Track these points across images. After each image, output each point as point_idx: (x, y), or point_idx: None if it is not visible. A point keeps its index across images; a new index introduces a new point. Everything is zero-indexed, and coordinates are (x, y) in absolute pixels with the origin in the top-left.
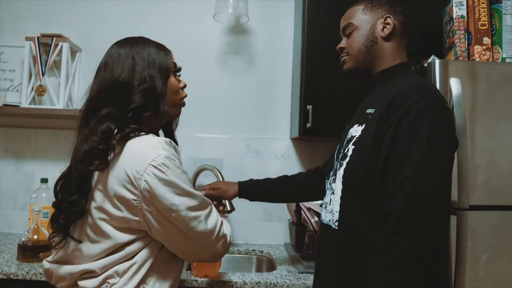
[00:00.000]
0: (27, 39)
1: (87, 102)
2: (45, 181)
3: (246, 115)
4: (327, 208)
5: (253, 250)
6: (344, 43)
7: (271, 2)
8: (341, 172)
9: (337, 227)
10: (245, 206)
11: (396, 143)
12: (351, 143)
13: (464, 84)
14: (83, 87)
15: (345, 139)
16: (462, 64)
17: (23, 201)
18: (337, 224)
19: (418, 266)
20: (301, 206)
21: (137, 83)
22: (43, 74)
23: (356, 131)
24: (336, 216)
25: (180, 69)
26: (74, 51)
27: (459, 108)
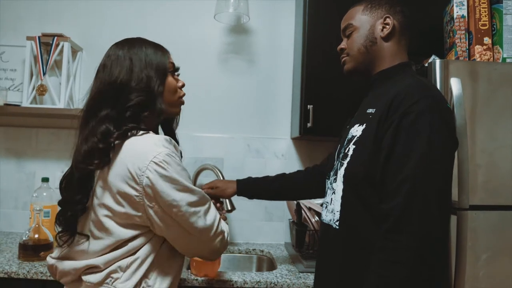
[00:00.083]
0: (28, 38)
1: (88, 102)
2: (46, 180)
3: (246, 114)
4: (328, 207)
5: (254, 249)
6: (344, 44)
7: (272, 2)
8: (342, 171)
9: (338, 227)
10: (246, 205)
11: (396, 143)
12: (351, 143)
13: (464, 84)
14: (84, 87)
15: (346, 139)
16: (462, 64)
17: (24, 200)
18: (338, 223)
19: (418, 266)
20: (302, 205)
21: (135, 83)
22: (44, 73)
23: (356, 130)
24: (337, 215)
25: (178, 69)
26: (75, 51)
27: (459, 108)
